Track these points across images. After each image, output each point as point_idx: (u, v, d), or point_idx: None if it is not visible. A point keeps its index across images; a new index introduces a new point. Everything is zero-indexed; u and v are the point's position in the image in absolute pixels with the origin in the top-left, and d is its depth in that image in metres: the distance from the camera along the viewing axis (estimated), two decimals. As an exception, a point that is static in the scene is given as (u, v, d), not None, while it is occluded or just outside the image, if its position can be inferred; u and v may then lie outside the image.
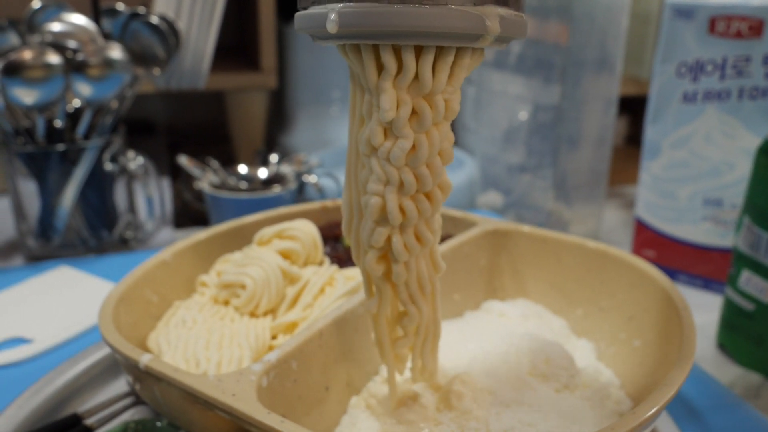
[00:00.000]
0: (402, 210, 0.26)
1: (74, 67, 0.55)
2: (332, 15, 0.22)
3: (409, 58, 0.23)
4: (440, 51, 0.24)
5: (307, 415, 0.32)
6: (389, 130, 0.25)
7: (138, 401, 0.39)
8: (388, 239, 0.27)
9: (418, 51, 0.24)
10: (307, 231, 0.42)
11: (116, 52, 0.56)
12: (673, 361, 0.31)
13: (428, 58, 0.24)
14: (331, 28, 0.22)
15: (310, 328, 0.33)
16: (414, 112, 0.25)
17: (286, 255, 0.41)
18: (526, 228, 0.46)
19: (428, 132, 0.25)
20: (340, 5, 0.22)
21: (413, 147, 0.25)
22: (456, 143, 0.92)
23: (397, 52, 0.24)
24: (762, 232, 0.45)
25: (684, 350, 0.31)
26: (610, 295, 0.42)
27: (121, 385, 0.41)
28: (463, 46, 0.24)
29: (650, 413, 0.27)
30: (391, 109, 0.24)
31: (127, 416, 0.38)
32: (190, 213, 0.74)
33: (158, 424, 0.35)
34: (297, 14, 0.25)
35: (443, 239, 0.48)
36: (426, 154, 0.25)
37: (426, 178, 0.26)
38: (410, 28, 0.22)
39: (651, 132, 0.61)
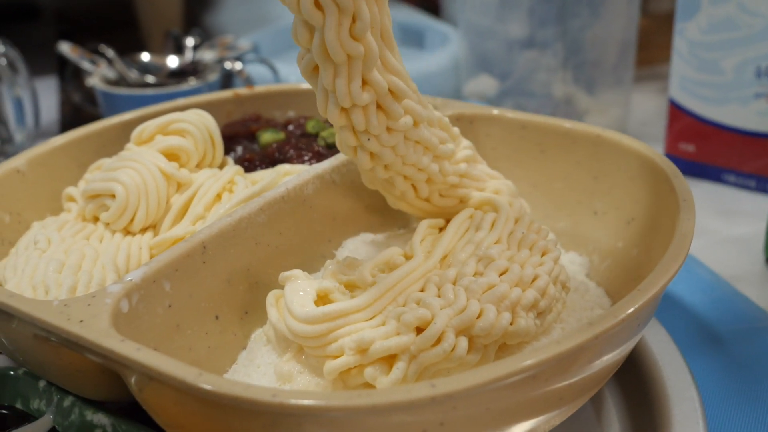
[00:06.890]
0: None
1: None
2: None
3: None
4: None
5: (189, 350, 0.34)
6: None
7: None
8: None
9: None
10: (200, 124, 0.42)
11: None
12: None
13: None
14: None
15: (189, 240, 0.34)
16: None
17: (172, 155, 0.42)
18: (497, 111, 0.46)
19: None
20: None
21: None
22: (437, 13, 0.91)
23: None
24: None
25: (673, 248, 0.32)
26: (605, 193, 0.43)
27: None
28: None
29: (600, 330, 0.28)
30: None
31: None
32: (83, 120, 0.74)
33: (11, 373, 0.36)
34: None
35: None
36: None
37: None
38: None
39: (687, -19, 0.60)
